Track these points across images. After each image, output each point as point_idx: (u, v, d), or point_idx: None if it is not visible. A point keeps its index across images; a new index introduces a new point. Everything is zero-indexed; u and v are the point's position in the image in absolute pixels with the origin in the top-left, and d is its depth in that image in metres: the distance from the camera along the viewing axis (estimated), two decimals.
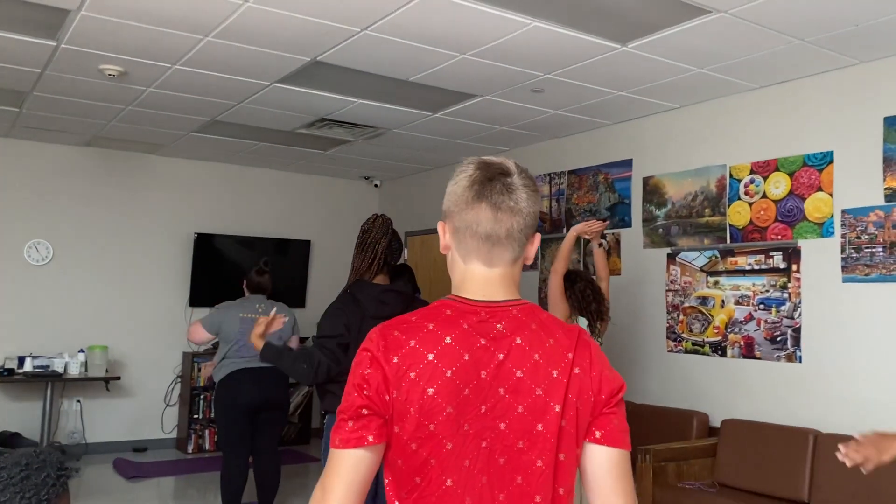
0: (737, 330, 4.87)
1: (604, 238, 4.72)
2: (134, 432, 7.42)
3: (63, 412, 7.08)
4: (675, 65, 4.43)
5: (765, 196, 4.77)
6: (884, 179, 4.17)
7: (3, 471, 1.34)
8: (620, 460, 1.29)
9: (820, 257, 4.45)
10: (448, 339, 1.26)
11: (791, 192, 4.62)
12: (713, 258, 5.05)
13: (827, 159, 4.45)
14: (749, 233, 4.85)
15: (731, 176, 4.98)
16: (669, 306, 5.32)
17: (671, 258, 5.34)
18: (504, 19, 3.79)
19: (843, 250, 4.33)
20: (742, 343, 4.83)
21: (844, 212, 4.34)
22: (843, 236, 4.33)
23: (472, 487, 1.24)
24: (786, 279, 4.62)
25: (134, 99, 5.45)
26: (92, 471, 6.55)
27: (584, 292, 4.28)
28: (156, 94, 5.28)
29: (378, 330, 1.30)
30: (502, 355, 1.27)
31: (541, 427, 1.25)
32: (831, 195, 4.41)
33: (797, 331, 4.54)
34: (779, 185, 4.69)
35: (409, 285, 3.11)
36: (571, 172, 6.25)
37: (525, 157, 6.70)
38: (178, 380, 7.62)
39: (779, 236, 4.67)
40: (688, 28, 3.85)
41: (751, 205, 4.85)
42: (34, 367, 6.60)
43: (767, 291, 4.71)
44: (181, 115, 5.90)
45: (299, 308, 7.64)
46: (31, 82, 5.11)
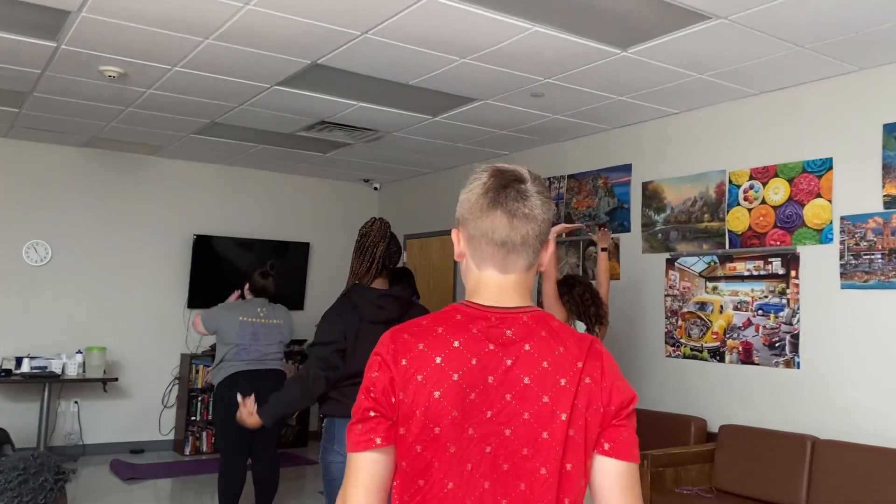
0: (735, 335, 4.87)
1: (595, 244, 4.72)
2: (131, 434, 7.41)
3: (60, 413, 7.07)
4: (675, 70, 4.44)
5: (764, 202, 4.77)
6: (883, 186, 4.17)
7: (1, 475, 1.33)
8: (628, 473, 1.28)
9: (819, 264, 4.45)
10: (456, 343, 1.27)
11: (790, 199, 4.62)
12: (712, 264, 5.05)
13: (826, 166, 4.45)
14: (748, 239, 4.85)
15: (730, 182, 4.98)
16: (668, 311, 5.32)
17: (670, 263, 5.34)
18: (504, 24, 3.79)
19: (841, 257, 4.34)
20: (740, 349, 4.83)
21: (843, 218, 4.34)
22: (842, 243, 4.33)
23: (473, 491, 1.24)
24: (784, 285, 4.62)
25: (134, 100, 5.45)
26: (89, 472, 6.54)
27: (582, 296, 4.28)
28: (156, 95, 5.29)
29: (389, 333, 1.32)
30: (510, 361, 1.27)
31: (546, 435, 1.25)
32: (830, 202, 4.41)
33: (795, 337, 4.54)
34: (778, 192, 4.70)
35: (408, 290, 3.10)
36: (571, 177, 6.26)
37: (524, 161, 6.71)
38: (176, 381, 7.61)
39: (778, 242, 4.68)
40: (688, 34, 3.86)
41: (750, 211, 4.85)
42: (32, 368, 6.59)
43: (766, 297, 4.71)
44: (181, 116, 5.90)
45: (298, 310, 7.65)
46: (31, 83, 5.11)
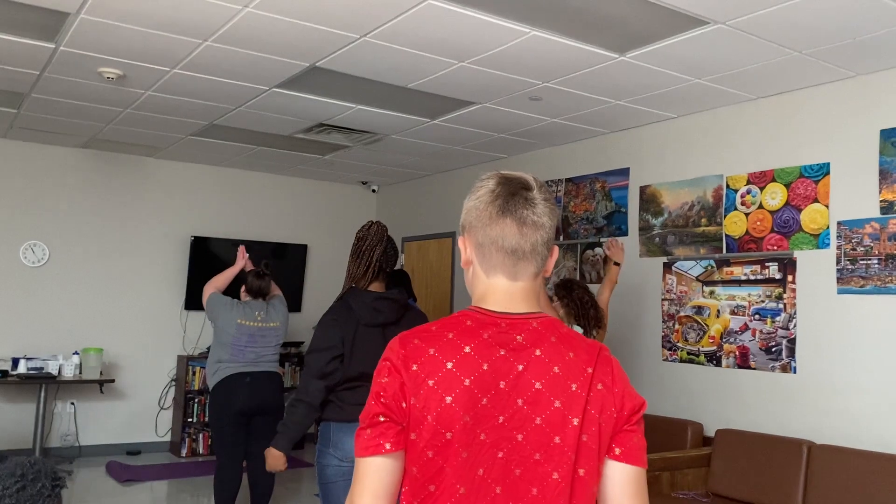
0: (732, 340, 4.87)
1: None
2: (128, 435, 7.40)
3: (57, 414, 7.06)
4: (673, 75, 4.44)
5: (761, 207, 4.78)
6: (879, 192, 4.18)
7: None
8: (637, 477, 1.30)
9: (815, 268, 4.45)
10: (467, 349, 1.27)
11: (787, 203, 4.63)
12: (709, 268, 5.06)
13: (823, 171, 4.46)
14: (745, 243, 4.86)
15: (727, 186, 4.99)
16: (665, 315, 5.32)
17: (667, 267, 5.34)
18: (503, 28, 3.80)
19: (838, 262, 4.34)
20: (737, 353, 4.84)
21: (840, 223, 4.35)
22: (839, 248, 4.34)
23: (485, 496, 1.24)
24: (781, 290, 4.62)
25: (132, 102, 5.45)
26: (85, 474, 6.53)
27: (581, 299, 4.29)
28: (154, 97, 5.29)
29: (399, 339, 1.31)
30: (522, 366, 1.27)
31: (558, 440, 1.25)
32: (827, 207, 4.42)
33: (792, 341, 4.55)
34: (775, 196, 4.70)
35: (404, 293, 3.11)
36: (569, 180, 6.26)
37: (522, 164, 6.71)
38: (173, 383, 7.60)
39: (775, 247, 4.68)
40: (686, 39, 3.87)
41: (747, 215, 4.86)
42: (28, 369, 6.58)
43: (763, 302, 4.72)
44: (179, 118, 5.90)
45: (295, 312, 7.64)
46: (30, 84, 5.11)
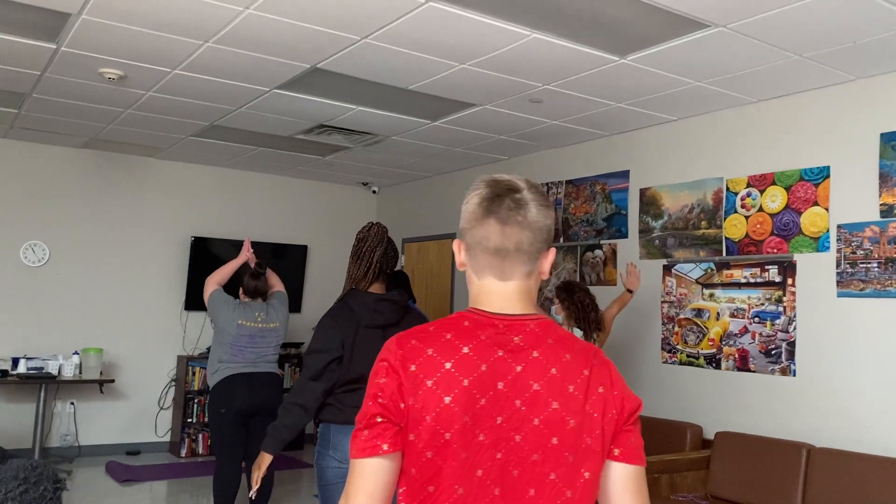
0: (731, 342, 4.88)
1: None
2: (127, 435, 7.40)
3: (56, 414, 7.06)
4: (674, 78, 4.45)
5: (761, 209, 4.78)
6: (879, 195, 4.18)
7: (1, 484, 1.33)
8: (637, 476, 1.31)
9: (815, 272, 4.46)
10: (466, 349, 1.27)
11: (787, 206, 4.64)
12: (709, 270, 5.06)
13: (823, 174, 4.47)
14: (745, 246, 4.86)
15: (727, 189, 5.00)
16: (665, 318, 5.33)
17: (667, 270, 5.35)
18: (504, 30, 3.81)
19: (838, 265, 4.35)
20: (736, 356, 4.84)
21: (840, 227, 4.35)
22: (839, 251, 4.34)
23: (484, 497, 1.24)
24: (781, 293, 4.63)
25: (133, 102, 5.45)
26: (84, 474, 6.53)
27: (582, 302, 4.30)
28: (155, 97, 5.29)
29: (396, 339, 1.31)
30: (520, 367, 1.27)
31: (556, 441, 1.26)
32: (827, 210, 4.42)
33: (792, 344, 4.55)
34: (775, 199, 4.71)
35: (405, 294, 3.11)
36: (569, 182, 6.27)
37: (523, 166, 6.72)
38: (173, 383, 7.60)
39: (774, 250, 4.69)
40: (686, 42, 3.87)
41: (747, 218, 4.86)
42: (28, 369, 6.58)
43: (762, 305, 4.72)
44: (180, 119, 5.90)
45: (295, 313, 7.64)
46: (31, 84, 5.12)
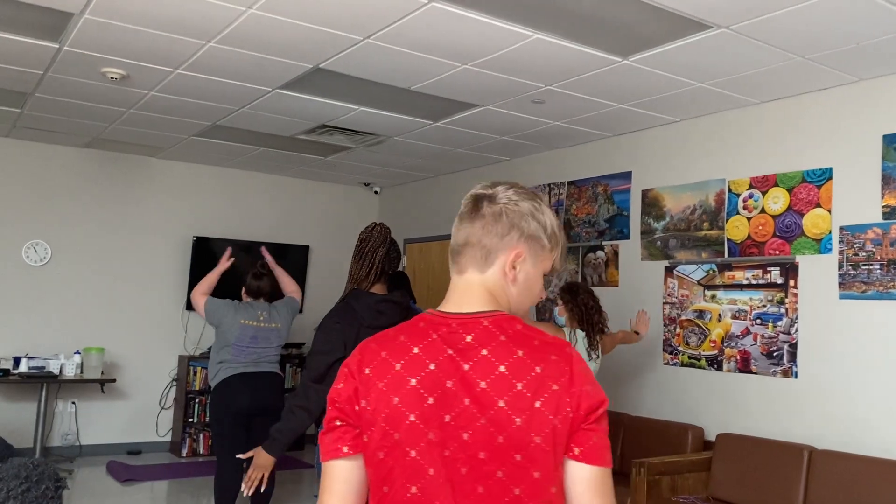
0: (733, 344, 4.87)
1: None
2: (128, 435, 7.40)
3: (58, 413, 7.07)
4: (676, 79, 4.45)
5: (763, 211, 4.78)
6: (882, 197, 4.18)
7: (2, 482, 1.33)
8: (599, 477, 1.27)
9: (817, 273, 4.45)
10: (416, 350, 1.30)
11: (789, 208, 4.63)
12: (711, 272, 5.05)
13: (826, 176, 4.46)
14: (747, 247, 4.85)
15: (729, 190, 4.99)
16: (666, 319, 5.32)
17: (669, 271, 5.34)
18: (506, 31, 3.81)
19: (840, 267, 4.34)
20: (738, 357, 4.83)
21: (842, 228, 4.34)
22: (841, 253, 4.34)
23: (437, 495, 1.25)
24: (783, 294, 4.62)
25: (135, 102, 5.46)
26: (85, 473, 6.53)
27: (586, 304, 4.32)
28: (157, 97, 5.29)
29: (361, 344, 1.38)
30: (468, 366, 1.28)
31: (502, 439, 1.24)
32: (830, 211, 4.42)
33: (793, 346, 4.54)
34: (777, 201, 4.70)
35: (406, 296, 3.10)
36: (571, 183, 6.26)
37: (525, 167, 6.72)
38: (174, 383, 7.60)
39: (777, 251, 4.68)
40: (689, 43, 3.87)
41: (749, 219, 4.86)
42: (30, 368, 6.58)
43: (764, 306, 4.71)
44: (182, 119, 5.91)
45: (298, 314, 7.63)
46: (34, 84, 5.12)
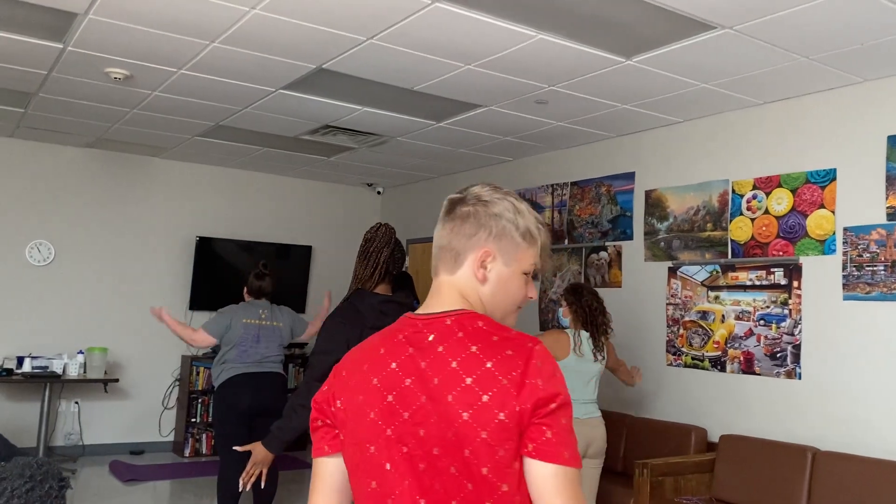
0: (737, 345, 4.86)
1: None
2: (131, 435, 7.41)
3: (61, 413, 7.08)
4: (680, 79, 4.44)
5: (767, 212, 4.77)
6: (886, 198, 4.17)
7: (6, 482, 1.34)
8: (554, 475, 1.21)
9: (821, 274, 4.44)
10: (382, 351, 1.37)
11: (793, 209, 4.62)
12: (714, 273, 5.05)
13: (830, 176, 4.45)
14: (751, 248, 4.85)
15: (733, 191, 4.98)
16: (670, 320, 5.31)
17: (672, 272, 5.34)
18: (510, 31, 3.80)
19: (844, 268, 4.33)
20: (742, 358, 4.82)
21: (846, 229, 4.34)
22: (845, 254, 4.33)
23: (394, 490, 1.27)
24: (787, 295, 4.61)
25: (139, 102, 5.46)
26: (88, 473, 6.54)
27: (590, 305, 4.32)
28: (161, 97, 5.30)
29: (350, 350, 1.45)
30: (424, 363, 1.31)
31: (451, 435, 1.25)
32: (833, 212, 4.41)
33: (797, 347, 4.53)
34: (781, 202, 4.69)
35: (410, 296, 3.10)
36: (574, 184, 6.26)
37: (528, 167, 6.72)
38: (177, 383, 7.61)
39: (780, 252, 4.67)
40: (692, 43, 3.87)
41: (753, 220, 4.85)
42: (33, 368, 6.60)
43: (768, 307, 4.71)
44: (186, 119, 5.91)
45: (299, 314, 7.64)
46: (37, 84, 5.13)
